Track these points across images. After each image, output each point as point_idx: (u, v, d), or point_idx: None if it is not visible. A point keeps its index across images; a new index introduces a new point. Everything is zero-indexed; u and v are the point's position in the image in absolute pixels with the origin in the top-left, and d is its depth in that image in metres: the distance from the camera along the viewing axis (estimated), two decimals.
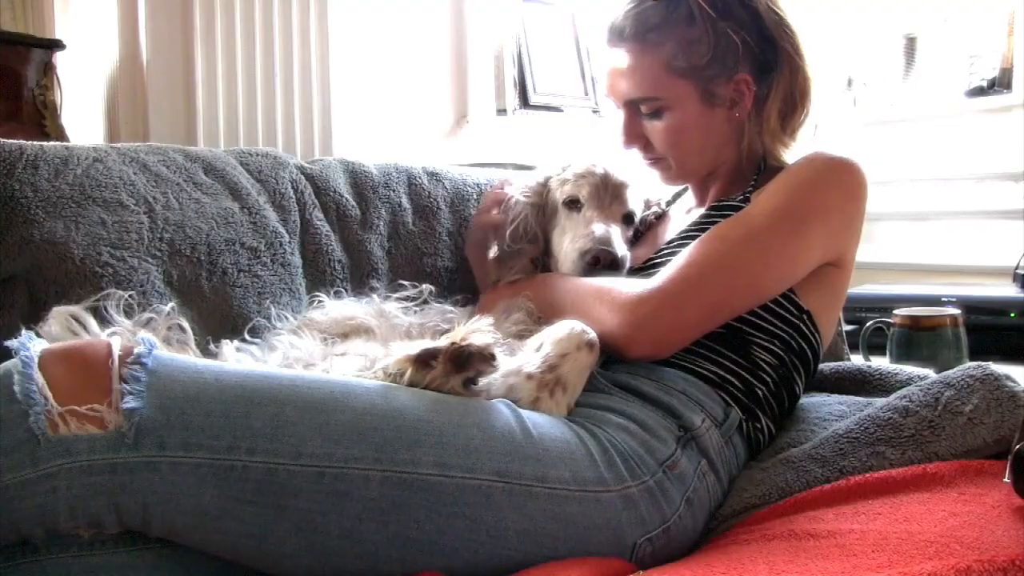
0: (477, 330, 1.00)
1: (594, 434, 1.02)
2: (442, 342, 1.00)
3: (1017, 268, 2.47)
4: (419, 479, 0.89)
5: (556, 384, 1.06)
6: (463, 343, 0.98)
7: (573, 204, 1.37)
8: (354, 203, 1.55)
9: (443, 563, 0.91)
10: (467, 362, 0.99)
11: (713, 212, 1.31)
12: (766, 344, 1.20)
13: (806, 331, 1.24)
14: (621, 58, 1.32)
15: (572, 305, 1.21)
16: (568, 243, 1.34)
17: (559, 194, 1.38)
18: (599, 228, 1.31)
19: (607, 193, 1.36)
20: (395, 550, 0.89)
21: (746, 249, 1.19)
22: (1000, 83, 2.74)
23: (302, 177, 1.53)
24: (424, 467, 0.90)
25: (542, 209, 1.41)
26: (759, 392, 1.18)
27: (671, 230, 1.40)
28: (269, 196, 1.47)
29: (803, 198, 1.22)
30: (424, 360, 0.99)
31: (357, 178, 1.59)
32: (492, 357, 1.00)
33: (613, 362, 1.16)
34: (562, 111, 2.52)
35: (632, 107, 1.34)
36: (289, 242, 1.45)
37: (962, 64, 2.85)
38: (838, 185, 1.25)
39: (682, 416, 1.09)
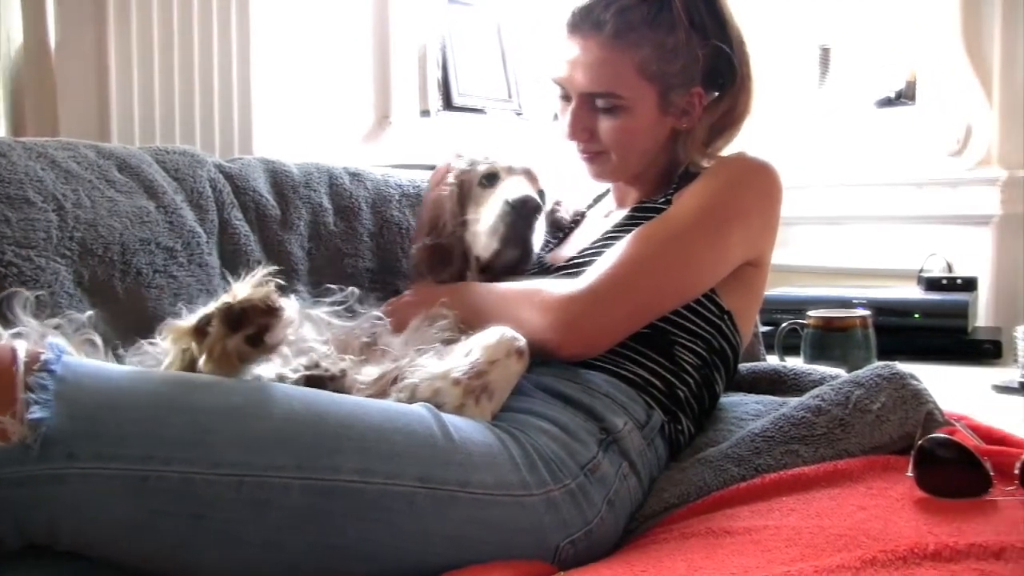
0: (253, 284, 0.94)
1: (516, 438, 1.02)
2: (216, 303, 0.94)
3: (921, 271, 2.57)
4: (341, 486, 0.88)
5: (483, 391, 1.05)
6: (235, 300, 0.92)
7: (491, 179, 1.38)
8: (274, 203, 1.53)
9: (366, 570, 0.90)
10: (242, 318, 0.92)
11: (636, 214, 1.32)
12: (689, 344, 1.22)
13: (727, 331, 1.26)
14: (588, 50, 1.30)
15: (498, 309, 1.20)
16: (487, 212, 1.34)
17: (476, 177, 1.40)
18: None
19: (522, 172, 1.40)
20: (318, 559, 0.88)
21: (671, 248, 1.21)
22: (906, 95, 2.84)
23: (221, 176, 1.51)
24: (346, 474, 0.89)
25: (464, 196, 1.40)
26: (681, 394, 1.20)
27: (591, 232, 1.41)
28: (186, 195, 1.44)
29: (724, 198, 1.26)
30: (201, 329, 0.93)
31: (277, 177, 1.57)
32: (274, 308, 0.93)
33: (536, 364, 1.16)
34: (485, 113, 2.53)
35: (587, 99, 1.32)
36: (207, 242, 1.42)
37: (872, 75, 2.95)
38: (757, 187, 1.28)
39: (604, 419, 1.10)
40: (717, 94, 1.34)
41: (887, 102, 2.89)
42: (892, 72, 2.90)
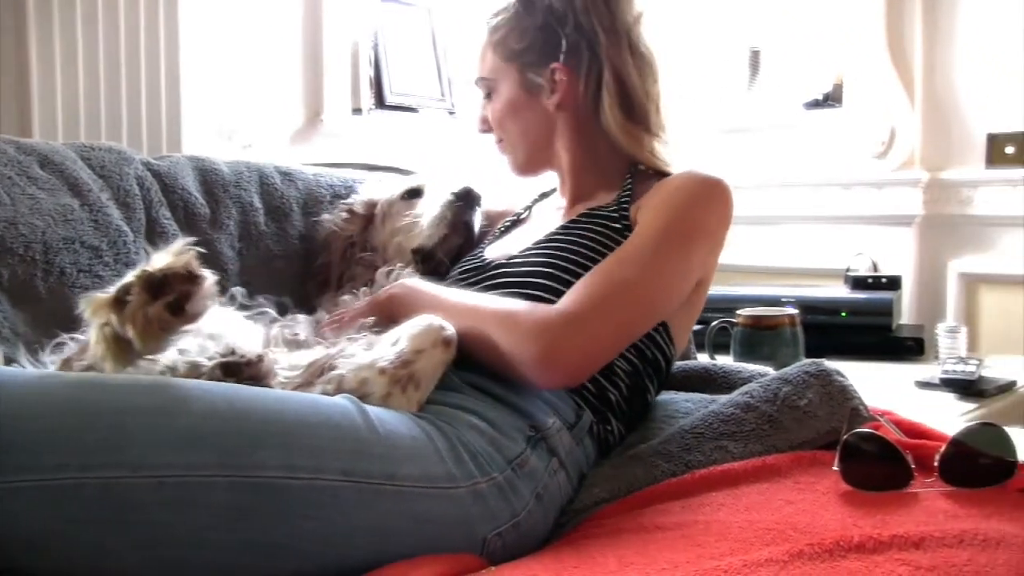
0: (174, 252, 0.93)
1: (443, 431, 1.01)
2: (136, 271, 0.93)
3: (848, 270, 2.63)
4: (266, 482, 0.87)
5: (409, 380, 1.04)
6: (155, 268, 0.91)
7: (415, 193, 1.48)
8: (203, 201, 1.51)
9: (295, 567, 0.89)
10: (163, 285, 0.91)
11: (583, 219, 1.32)
12: (623, 352, 1.22)
13: (661, 342, 1.27)
14: (482, 44, 1.42)
15: (470, 329, 1.14)
16: (428, 207, 1.44)
17: (389, 201, 1.50)
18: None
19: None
20: (245, 558, 0.87)
21: (644, 269, 1.19)
22: (833, 98, 2.91)
23: (148, 173, 1.47)
24: (270, 470, 0.87)
25: (368, 224, 1.51)
26: (612, 397, 1.21)
27: (537, 229, 1.41)
28: (112, 193, 1.40)
29: (689, 218, 1.26)
30: (120, 300, 0.92)
31: (207, 176, 1.54)
32: (194, 275, 0.92)
33: (466, 362, 1.15)
34: (418, 111, 2.52)
35: (479, 89, 1.45)
36: (134, 241, 1.39)
37: (801, 78, 3.01)
38: (717, 206, 1.30)
39: (533, 417, 1.10)
40: (597, 71, 1.35)
41: (815, 104, 2.95)
42: (820, 75, 2.97)
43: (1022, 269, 2.55)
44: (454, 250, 1.44)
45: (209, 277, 0.95)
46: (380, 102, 2.45)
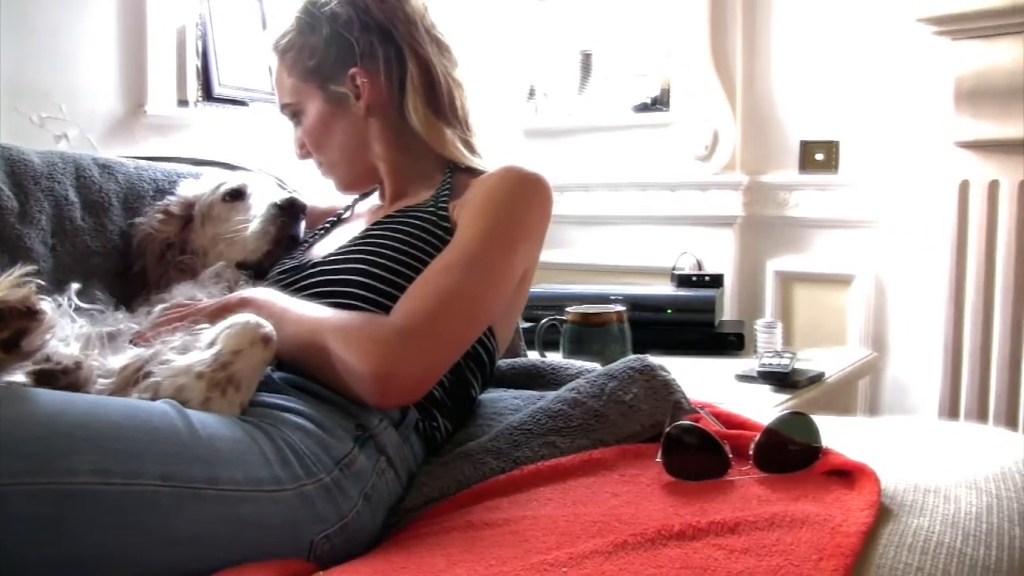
0: (10, 284, 0.88)
1: (268, 433, 0.99)
2: None
3: (673, 269, 2.73)
4: (78, 489, 0.82)
5: (228, 382, 1.01)
6: None
7: (237, 195, 1.43)
8: (11, 194, 1.40)
9: None
10: None
11: (399, 215, 1.32)
12: None
13: (483, 339, 1.28)
14: (276, 72, 1.42)
15: (310, 344, 1.11)
16: (253, 217, 1.38)
17: (211, 202, 1.44)
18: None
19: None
20: (60, 571, 0.82)
21: (472, 274, 1.19)
22: (661, 101, 3.01)
23: None
24: (83, 476, 0.83)
25: (187, 225, 1.45)
26: (435, 393, 1.21)
27: (358, 226, 1.40)
28: None
29: (510, 217, 1.26)
30: None
31: (15, 167, 1.44)
32: (33, 311, 0.88)
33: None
34: (247, 105, 2.44)
35: (287, 116, 1.43)
36: None
37: (631, 81, 3.10)
38: (537, 203, 1.30)
39: (359, 416, 1.09)
40: (399, 71, 1.36)
41: (644, 107, 3.05)
42: (649, 79, 3.06)
43: (832, 268, 2.72)
44: (279, 261, 1.40)
45: (49, 311, 0.89)
46: (208, 94, 2.36)
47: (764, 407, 1.68)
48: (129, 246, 1.49)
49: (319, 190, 1.57)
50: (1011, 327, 2.32)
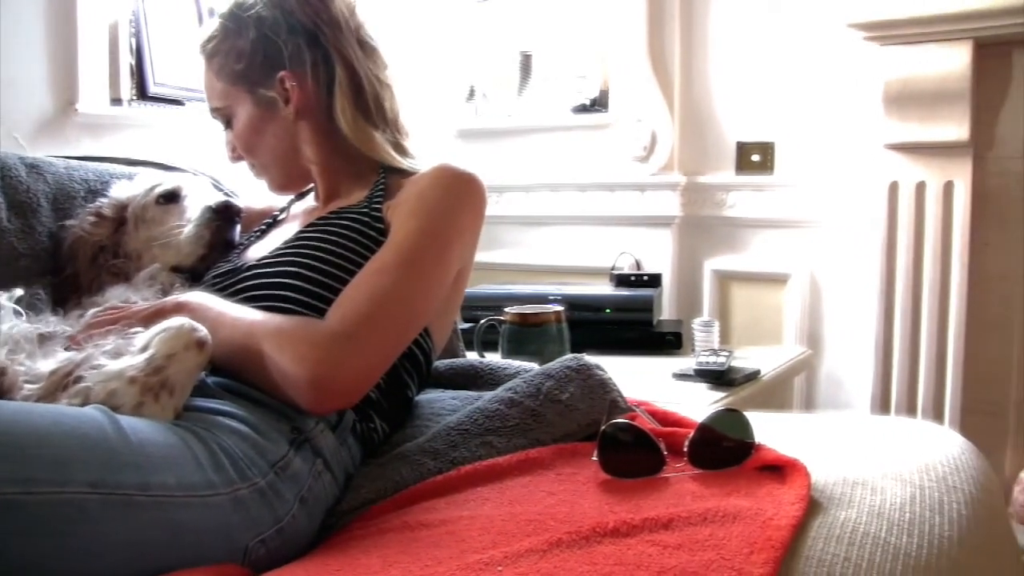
0: None
1: (201, 437, 0.97)
2: None
3: (612, 268, 2.76)
4: (2, 500, 0.80)
5: (162, 387, 1.00)
6: None
7: (171, 197, 1.41)
8: None
9: None
10: None
11: (332, 216, 1.31)
12: None
13: (419, 339, 1.28)
14: (204, 75, 1.41)
15: (245, 349, 1.10)
16: (177, 224, 1.36)
17: (145, 204, 1.42)
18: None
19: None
20: None
21: (407, 276, 1.18)
22: (599, 103, 3.04)
23: None
24: (7, 485, 0.80)
25: (119, 228, 1.43)
26: (372, 395, 1.20)
27: (293, 228, 1.39)
28: None
29: (444, 217, 1.26)
30: None
31: None
32: None
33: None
34: (183, 104, 2.40)
35: (217, 119, 1.42)
36: None
37: (570, 82, 3.12)
38: (471, 202, 1.31)
39: (295, 419, 1.08)
40: (328, 74, 1.35)
41: (583, 108, 3.07)
42: (588, 81, 3.08)
43: (768, 267, 2.77)
44: (214, 264, 1.39)
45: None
46: (142, 93, 2.32)
47: (701, 405, 1.70)
48: (59, 248, 1.45)
49: (255, 190, 1.56)
50: (937, 324, 2.38)
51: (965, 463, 1.10)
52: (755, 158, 2.77)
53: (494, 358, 1.68)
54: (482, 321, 1.88)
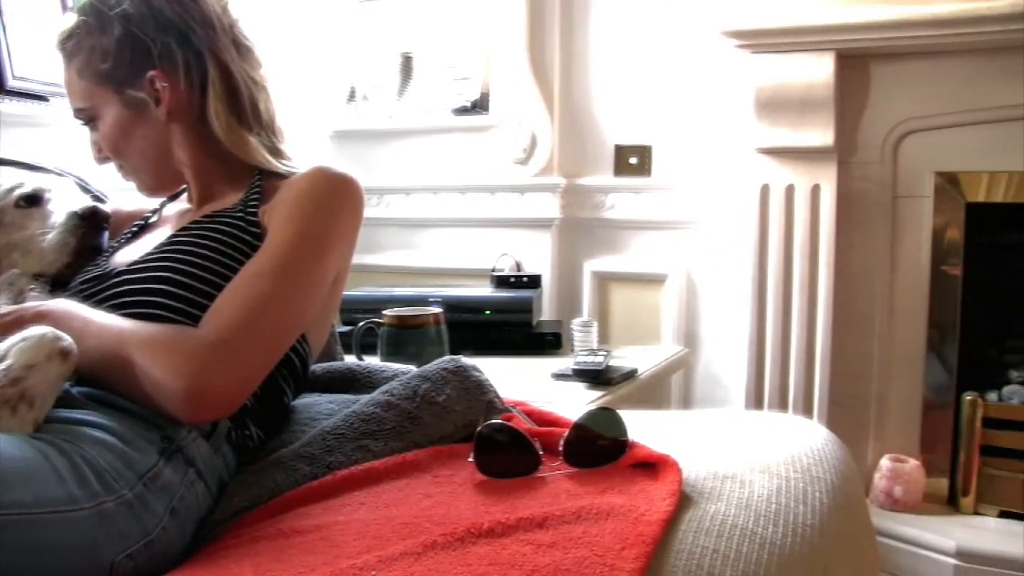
0: None
1: (63, 450, 0.93)
2: None
3: (493, 270, 2.77)
4: None
5: (20, 399, 0.95)
6: None
7: (33, 199, 1.33)
8: None
9: None
10: None
11: (206, 220, 1.27)
12: None
13: (296, 344, 1.25)
14: (65, 74, 1.34)
15: (114, 359, 1.05)
16: (40, 229, 1.29)
17: (3, 207, 1.33)
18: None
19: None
20: None
21: (284, 282, 1.15)
22: (480, 105, 3.05)
23: None
24: None
25: None
26: (247, 403, 1.17)
27: (165, 232, 1.34)
28: None
29: (322, 222, 1.23)
30: None
31: None
32: None
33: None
34: (47, 100, 2.30)
35: (81, 120, 1.36)
36: None
37: (451, 84, 3.12)
38: (348, 205, 1.28)
39: (165, 428, 1.04)
40: (200, 74, 1.31)
41: (464, 111, 3.08)
42: (469, 82, 3.09)
43: (646, 268, 2.83)
44: (80, 271, 1.32)
45: None
46: (1, 87, 2.21)
47: (578, 404, 1.71)
48: None
49: (124, 191, 1.50)
50: (807, 321, 2.48)
51: (828, 454, 1.15)
52: (633, 161, 2.83)
53: (373, 361, 1.66)
54: (360, 324, 1.86)
